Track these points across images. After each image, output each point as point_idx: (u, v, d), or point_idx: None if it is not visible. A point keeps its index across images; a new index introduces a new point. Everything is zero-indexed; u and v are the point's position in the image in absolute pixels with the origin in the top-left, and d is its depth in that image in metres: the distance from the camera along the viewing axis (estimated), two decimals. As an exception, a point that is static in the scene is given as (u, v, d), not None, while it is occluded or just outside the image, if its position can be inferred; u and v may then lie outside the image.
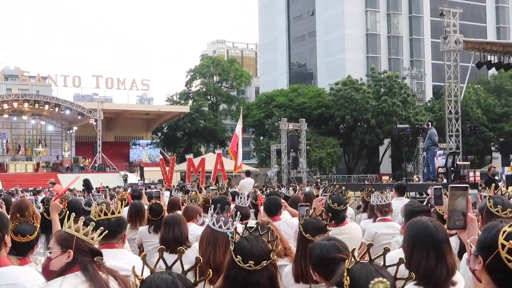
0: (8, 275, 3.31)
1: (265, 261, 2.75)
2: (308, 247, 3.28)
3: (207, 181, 29.43)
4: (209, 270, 1.99)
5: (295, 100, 60.87)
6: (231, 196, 9.42)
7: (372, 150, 63.39)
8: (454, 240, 4.16)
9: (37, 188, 24.97)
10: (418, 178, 30.80)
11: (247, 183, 18.74)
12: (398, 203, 7.60)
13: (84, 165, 48.13)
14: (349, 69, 69.09)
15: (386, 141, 60.64)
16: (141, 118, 58.81)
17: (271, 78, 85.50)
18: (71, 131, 52.15)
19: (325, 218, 3.93)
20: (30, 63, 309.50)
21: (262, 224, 3.44)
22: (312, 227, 3.77)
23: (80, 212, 6.31)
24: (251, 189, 17.41)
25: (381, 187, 14.60)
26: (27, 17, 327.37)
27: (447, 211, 3.07)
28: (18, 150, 50.49)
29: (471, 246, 2.37)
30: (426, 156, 20.99)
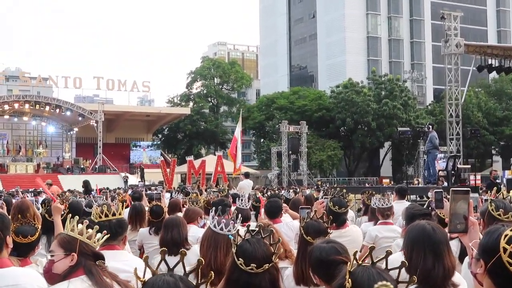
0: (9, 276, 3.31)
1: (267, 264, 2.76)
2: (309, 249, 3.29)
3: (207, 183, 29.43)
4: (211, 272, 1.99)
5: (295, 102, 60.88)
6: (232, 198, 9.42)
7: (372, 153, 63.37)
8: (454, 243, 4.16)
9: (37, 189, 24.90)
10: (418, 181, 30.84)
11: (245, 185, 18.79)
12: (399, 206, 7.58)
13: (84, 166, 48.11)
14: (350, 72, 69.11)
15: (387, 144, 60.65)
16: (141, 119, 58.79)
17: (272, 80, 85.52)
18: (71, 132, 52.14)
19: (326, 221, 3.92)
20: (30, 63, 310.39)
21: (264, 226, 3.44)
22: (313, 229, 3.77)
23: (80, 214, 6.31)
24: (250, 190, 17.44)
25: (381, 190, 14.61)
26: (27, 17, 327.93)
27: (448, 215, 3.08)
28: (18, 151, 50.47)
29: (473, 250, 2.37)
30: (426, 159, 21.01)
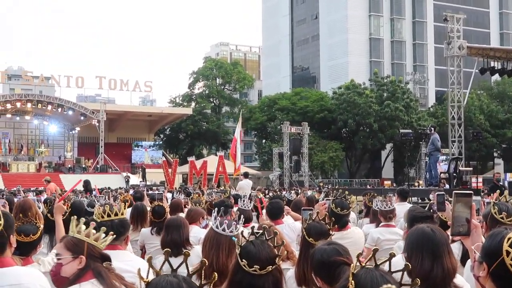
0: (12, 275, 3.31)
1: (270, 266, 2.76)
2: (310, 251, 3.28)
3: (209, 183, 29.43)
4: (214, 274, 2.00)
5: (297, 103, 60.86)
6: (233, 199, 9.42)
7: (374, 155, 63.33)
8: (456, 246, 4.16)
9: (39, 188, 24.96)
10: (418, 184, 30.78)
11: (245, 185, 18.88)
12: (401, 208, 7.59)
13: (86, 166, 48.14)
14: (352, 73, 69.13)
15: (389, 145, 60.61)
16: (143, 119, 58.84)
17: (274, 81, 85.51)
18: (73, 132, 52.22)
19: (328, 223, 3.92)
20: (30, 63, 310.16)
21: (264, 227, 3.43)
22: (315, 231, 3.77)
23: (82, 214, 6.32)
24: (249, 190, 17.48)
25: (383, 192, 14.58)
26: (27, 17, 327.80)
27: (451, 218, 3.08)
28: (20, 150, 50.54)
29: (475, 253, 2.37)
30: (428, 162, 20.99)
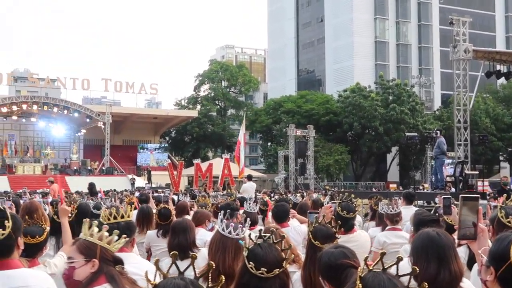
0: (19, 277, 3.31)
1: (277, 269, 2.76)
2: (317, 255, 3.28)
3: (214, 186, 29.45)
4: (221, 276, 2.00)
5: (303, 106, 60.83)
6: (239, 202, 9.42)
7: (379, 158, 63.23)
8: (463, 250, 4.15)
9: (45, 190, 25.02)
10: (423, 187, 30.71)
11: (249, 187, 18.93)
12: (407, 212, 7.57)
13: (92, 168, 48.22)
14: (357, 76, 69.03)
15: (394, 149, 60.48)
16: (149, 122, 58.93)
17: (279, 84, 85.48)
18: (79, 134, 52.30)
19: (334, 226, 3.92)
20: (30, 64, 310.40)
21: (271, 230, 3.43)
22: (321, 234, 3.75)
23: (88, 216, 6.33)
24: (253, 193, 17.50)
25: (389, 195, 14.57)
26: (27, 17, 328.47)
27: (457, 221, 3.07)
28: (26, 152, 50.65)
29: (482, 257, 2.37)
30: (434, 165, 20.98)
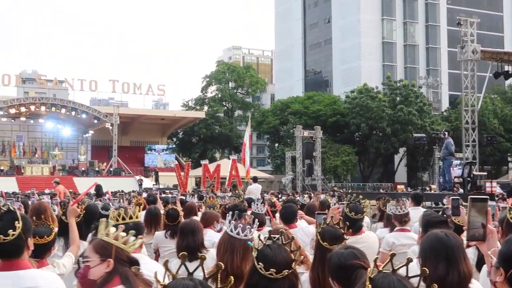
0: (28, 278, 3.33)
1: (286, 270, 2.76)
2: (325, 255, 3.28)
3: (221, 187, 29.48)
4: (230, 277, 2.00)
5: (310, 107, 60.77)
6: (247, 203, 9.43)
7: (387, 159, 63.06)
8: (471, 251, 4.13)
9: (54, 191, 25.08)
10: (430, 188, 30.63)
11: (254, 189, 18.98)
12: (415, 213, 7.57)
13: (100, 169, 48.34)
14: (365, 77, 68.88)
15: (402, 150, 60.32)
16: (156, 123, 59.02)
17: (286, 85, 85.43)
18: (87, 135, 52.47)
19: (342, 227, 3.91)
20: (31, 63, 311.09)
21: (281, 231, 3.43)
22: (329, 235, 3.74)
23: (97, 217, 6.35)
24: (258, 194, 17.52)
25: (396, 196, 14.54)
26: (27, 17, 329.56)
27: (466, 223, 3.06)
28: (34, 153, 50.86)
29: (492, 258, 2.36)
30: (442, 166, 20.95)
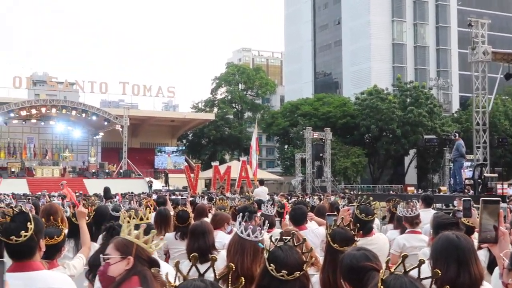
0: (40, 279, 3.36)
1: (298, 272, 2.76)
2: (336, 257, 3.28)
3: (231, 188, 29.52)
4: (241, 278, 2.00)
5: (320, 109, 60.72)
6: (256, 205, 9.43)
7: (397, 160, 62.84)
8: (483, 253, 4.12)
9: (62, 193, 25.18)
10: (439, 190, 30.51)
11: (261, 192, 19.03)
12: (425, 214, 7.54)
13: (110, 171, 48.50)
14: (374, 78, 68.73)
15: (412, 151, 60.10)
16: (166, 125, 59.14)
17: (296, 86, 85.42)
18: (97, 137, 52.66)
19: (352, 229, 3.90)
20: (31, 63, 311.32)
21: (292, 233, 3.43)
22: (339, 237, 3.74)
23: (107, 218, 6.38)
24: (265, 197, 17.55)
25: (406, 198, 14.49)
26: (27, 17, 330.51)
27: (478, 224, 3.04)
28: (45, 155, 51.13)
29: (504, 260, 2.35)
30: (453, 168, 20.82)
